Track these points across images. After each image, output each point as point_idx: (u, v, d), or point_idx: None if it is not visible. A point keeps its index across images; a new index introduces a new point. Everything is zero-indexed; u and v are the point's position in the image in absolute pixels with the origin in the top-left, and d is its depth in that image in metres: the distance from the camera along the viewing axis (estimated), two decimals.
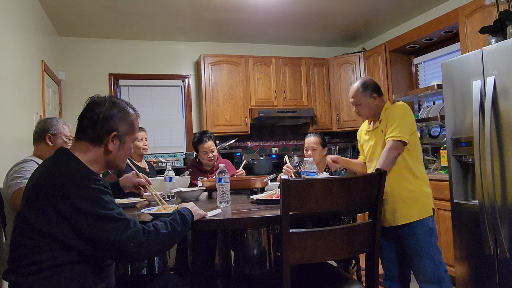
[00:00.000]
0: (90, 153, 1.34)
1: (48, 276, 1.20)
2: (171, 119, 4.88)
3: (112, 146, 1.36)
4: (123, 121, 1.38)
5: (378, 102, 2.27)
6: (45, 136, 2.12)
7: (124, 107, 1.40)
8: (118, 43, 4.69)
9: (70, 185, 1.20)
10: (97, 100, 1.39)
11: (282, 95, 4.82)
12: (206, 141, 3.08)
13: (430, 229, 2.12)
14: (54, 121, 2.18)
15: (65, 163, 1.28)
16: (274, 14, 4.13)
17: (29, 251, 1.20)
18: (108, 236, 1.21)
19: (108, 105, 1.37)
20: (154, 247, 1.29)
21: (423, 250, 2.09)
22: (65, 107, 4.40)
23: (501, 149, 2.33)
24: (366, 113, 2.30)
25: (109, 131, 1.34)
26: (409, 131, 2.13)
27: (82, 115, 1.37)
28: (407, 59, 4.50)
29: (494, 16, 2.74)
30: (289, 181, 1.38)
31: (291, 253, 1.40)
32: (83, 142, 1.34)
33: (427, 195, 2.18)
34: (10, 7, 2.67)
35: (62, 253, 1.20)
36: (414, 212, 2.11)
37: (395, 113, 2.17)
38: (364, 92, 2.26)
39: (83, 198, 1.19)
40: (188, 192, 2.17)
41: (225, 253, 2.26)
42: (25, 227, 1.21)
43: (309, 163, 2.08)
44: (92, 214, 1.19)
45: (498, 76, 2.33)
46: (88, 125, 1.34)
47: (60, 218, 1.18)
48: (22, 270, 1.21)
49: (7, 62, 2.57)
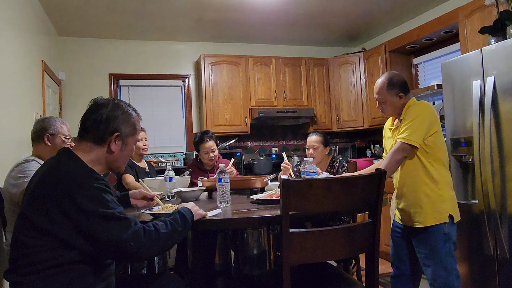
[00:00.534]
0: (93, 153, 1.35)
1: (49, 275, 1.20)
2: (171, 119, 4.88)
3: (115, 147, 1.38)
4: (126, 123, 1.40)
5: (404, 101, 2.15)
6: (43, 136, 2.12)
7: (126, 109, 1.42)
8: (118, 43, 4.69)
9: (72, 184, 1.21)
10: (101, 101, 1.40)
11: (282, 95, 4.83)
12: (207, 140, 3.09)
13: (444, 235, 2.02)
14: (52, 120, 2.17)
15: (67, 162, 1.29)
16: (274, 14, 4.13)
17: (31, 250, 1.21)
18: (109, 235, 1.21)
19: (111, 106, 1.39)
20: (155, 247, 1.29)
21: (435, 256, 2.02)
22: (65, 107, 4.41)
23: (501, 149, 2.33)
24: (390, 112, 2.19)
25: (112, 131, 1.36)
26: (422, 134, 2.02)
27: (86, 116, 1.38)
28: (407, 59, 4.51)
29: (494, 16, 2.75)
30: (289, 181, 1.38)
31: (291, 253, 1.40)
32: (86, 142, 1.36)
33: (445, 200, 2.05)
34: (10, 7, 2.67)
35: (63, 252, 1.21)
36: (430, 218, 2.03)
37: (412, 112, 2.06)
38: (390, 91, 2.14)
39: (85, 197, 1.20)
40: (188, 192, 2.18)
41: (225, 253, 2.27)
42: (27, 226, 1.22)
43: (309, 163, 2.08)
44: (94, 212, 1.20)
45: (497, 76, 2.34)
46: (91, 125, 1.35)
47: (63, 216, 1.19)
48: (23, 269, 1.21)
49: (7, 62, 2.57)
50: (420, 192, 2.06)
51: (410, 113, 2.07)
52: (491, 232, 2.36)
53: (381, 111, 2.23)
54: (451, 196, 2.09)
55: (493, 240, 2.36)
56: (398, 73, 2.21)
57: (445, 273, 2.01)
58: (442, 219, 2.02)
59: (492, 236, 2.36)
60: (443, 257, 2.01)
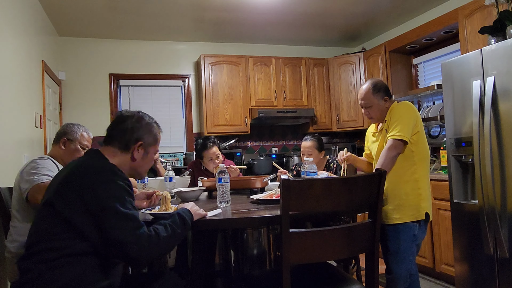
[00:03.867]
0: (117, 158, 1.47)
1: (59, 265, 1.26)
2: (171, 119, 4.89)
3: (137, 154, 1.50)
4: (149, 133, 1.54)
5: (388, 104, 2.24)
6: (61, 139, 2.18)
7: (150, 121, 1.57)
8: (118, 43, 4.69)
9: (98, 176, 1.31)
10: (126, 113, 1.55)
11: (282, 95, 4.83)
12: (210, 146, 2.95)
13: (413, 236, 2.09)
14: (75, 127, 2.22)
15: (97, 159, 1.43)
16: (274, 14, 4.13)
17: (49, 237, 1.28)
18: (117, 233, 1.25)
19: (136, 118, 1.53)
20: (155, 251, 1.31)
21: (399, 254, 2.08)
22: (65, 107, 4.41)
23: (501, 149, 2.33)
24: (377, 115, 2.25)
25: (136, 140, 1.49)
26: (410, 130, 2.09)
27: (112, 125, 1.53)
28: (407, 59, 4.51)
29: (493, 16, 2.75)
30: (289, 181, 1.39)
31: (291, 253, 1.40)
32: (112, 147, 1.49)
33: (424, 198, 2.12)
34: (10, 7, 2.67)
35: (77, 243, 1.27)
36: (407, 215, 2.08)
37: (397, 112, 2.15)
38: (375, 94, 2.22)
39: (106, 191, 1.29)
40: (188, 192, 2.18)
41: (225, 253, 2.27)
42: (50, 213, 1.30)
43: (309, 163, 2.08)
44: (110, 207, 1.27)
45: (497, 76, 2.34)
46: (117, 133, 1.49)
47: (83, 206, 1.27)
48: (37, 256, 1.28)
49: (7, 62, 2.57)
50: (401, 189, 2.12)
51: (395, 113, 2.16)
52: (491, 232, 2.36)
53: (368, 117, 2.31)
54: (428, 195, 2.18)
55: (493, 240, 2.36)
56: (380, 79, 2.33)
57: (405, 272, 2.07)
58: (419, 217, 2.11)
59: (492, 236, 2.36)
60: (407, 256, 2.08)
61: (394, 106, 2.22)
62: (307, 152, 2.96)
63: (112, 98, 4.62)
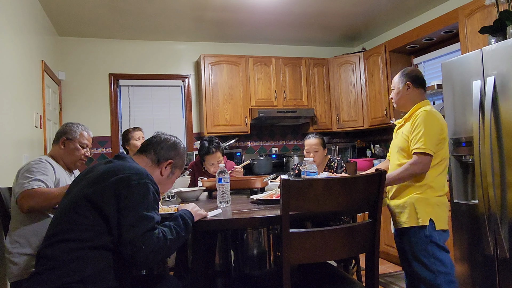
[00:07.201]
0: (147, 168, 1.55)
1: (84, 257, 1.29)
2: (171, 119, 4.88)
3: (165, 172, 1.64)
4: (180, 157, 1.69)
5: (410, 93, 2.19)
6: (60, 138, 2.16)
7: (182, 148, 1.72)
8: (118, 43, 4.69)
9: (136, 176, 1.38)
10: (165, 135, 1.71)
11: (282, 95, 4.83)
12: (213, 152, 2.85)
13: (425, 237, 2.01)
14: (75, 126, 2.20)
15: (133, 162, 1.52)
16: (274, 14, 4.13)
17: (76, 226, 1.32)
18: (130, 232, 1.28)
19: (173, 141, 1.70)
20: (160, 253, 1.32)
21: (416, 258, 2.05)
22: (65, 107, 4.41)
23: (501, 149, 2.33)
24: (395, 99, 2.25)
25: (168, 158, 1.64)
26: (436, 142, 2.01)
27: (149, 141, 1.68)
28: (407, 59, 4.50)
29: (494, 16, 2.74)
30: (289, 181, 1.38)
31: (291, 253, 1.40)
32: (145, 158, 1.62)
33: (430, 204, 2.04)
34: (10, 7, 2.67)
35: (101, 236, 1.32)
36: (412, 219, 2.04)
37: (421, 120, 2.04)
38: (400, 78, 2.23)
39: (138, 187, 1.36)
40: (188, 192, 2.18)
41: (225, 253, 2.26)
42: (81, 204, 1.34)
43: (309, 163, 2.08)
44: (135, 205, 1.32)
45: (498, 76, 2.33)
46: (154, 148, 1.64)
47: (114, 198, 1.33)
48: (60, 244, 1.31)
49: (7, 62, 2.57)
50: (407, 193, 2.08)
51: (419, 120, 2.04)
52: (491, 232, 2.36)
53: (393, 102, 2.30)
54: (439, 201, 2.07)
55: (493, 240, 2.36)
56: (417, 69, 2.30)
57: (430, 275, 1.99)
58: (422, 222, 2.01)
59: (492, 236, 2.36)
60: (425, 259, 1.99)
61: (421, 109, 2.10)
62: (314, 149, 2.94)
63: (112, 98, 4.62)
